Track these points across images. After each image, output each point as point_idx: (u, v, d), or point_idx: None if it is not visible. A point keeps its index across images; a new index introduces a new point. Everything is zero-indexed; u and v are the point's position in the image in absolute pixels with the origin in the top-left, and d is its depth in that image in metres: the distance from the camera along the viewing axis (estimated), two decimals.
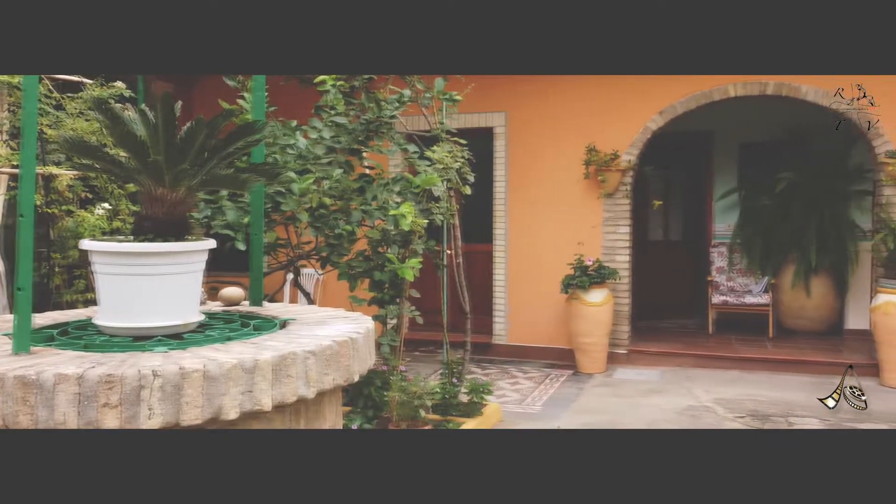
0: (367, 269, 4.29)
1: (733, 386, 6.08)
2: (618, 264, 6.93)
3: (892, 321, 5.97)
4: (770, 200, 7.84)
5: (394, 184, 4.31)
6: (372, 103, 4.44)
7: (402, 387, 4.18)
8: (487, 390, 4.91)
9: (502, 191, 7.42)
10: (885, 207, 6.35)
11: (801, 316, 7.78)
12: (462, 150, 4.82)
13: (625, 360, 6.96)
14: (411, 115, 5.50)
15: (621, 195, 7.00)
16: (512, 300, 7.39)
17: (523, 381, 6.37)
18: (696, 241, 8.96)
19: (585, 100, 7.11)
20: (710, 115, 7.62)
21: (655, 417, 5.19)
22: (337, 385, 1.98)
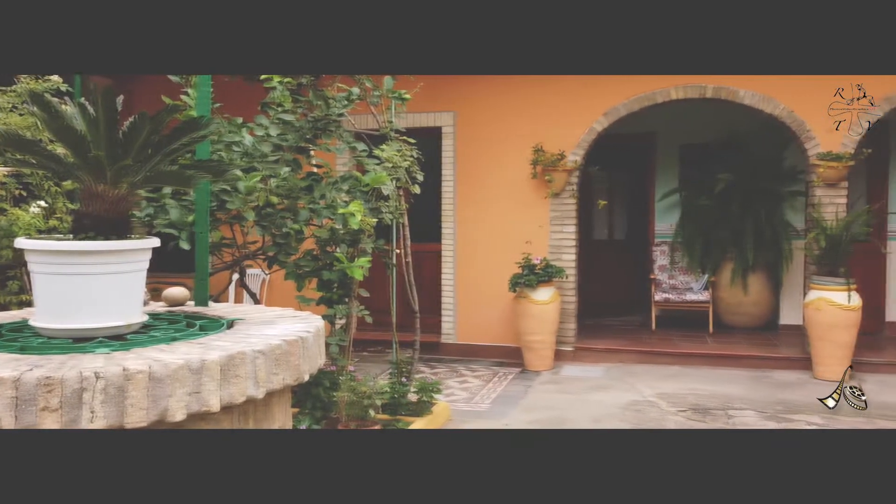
0: (315, 268, 4.24)
1: (675, 381, 6.24)
2: (564, 263, 7.04)
3: (824, 317, 6.22)
4: (709, 200, 8.08)
5: (342, 182, 4.28)
6: (320, 101, 4.40)
7: (351, 387, 4.16)
8: (436, 389, 4.92)
9: (451, 190, 7.44)
10: (816, 208, 6.62)
11: (739, 312, 8.05)
12: (411, 149, 4.82)
13: (571, 357, 7.08)
14: (360, 113, 5.47)
15: (568, 195, 7.11)
16: (460, 299, 7.43)
17: (472, 379, 6.41)
18: (639, 240, 9.17)
19: (533, 101, 7.20)
20: (653, 117, 7.82)
21: (601, 413, 5.29)
22: (287, 385, 1.96)
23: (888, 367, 6.54)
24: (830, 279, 6.26)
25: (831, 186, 6.61)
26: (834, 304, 6.16)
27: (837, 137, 6.59)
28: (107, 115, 1.84)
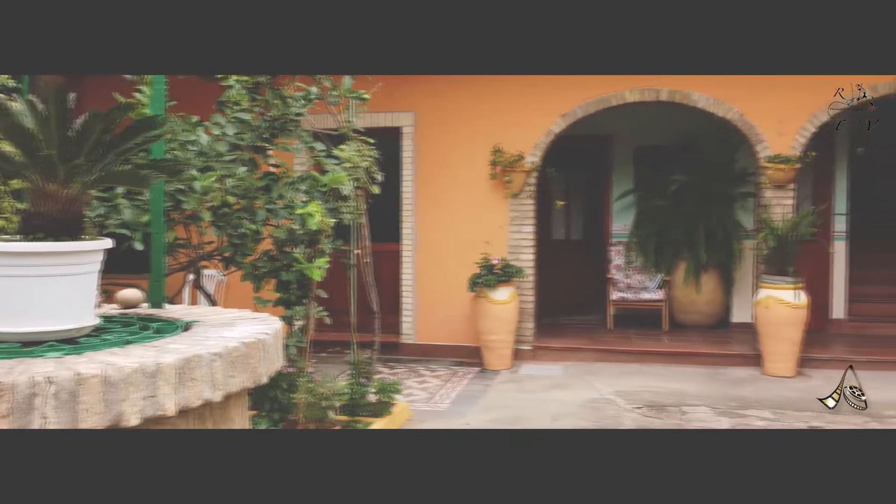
0: (272, 269, 4.20)
1: (632, 378, 6.36)
2: (523, 263, 7.10)
3: (773, 314, 6.41)
4: (663, 201, 8.25)
5: (300, 182, 4.25)
6: (277, 100, 4.36)
7: (309, 388, 4.13)
8: (396, 389, 4.92)
9: (410, 190, 7.44)
10: (766, 208, 6.82)
11: (692, 311, 8.23)
12: (370, 149, 4.80)
13: (530, 356, 7.14)
14: (318, 112, 5.42)
15: (526, 195, 7.17)
16: (420, 299, 7.43)
17: (431, 379, 6.42)
18: (596, 240, 9.30)
19: (492, 102, 7.24)
20: (609, 120, 7.94)
21: (559, 411, 5.35)
22: (245, 388, 1.94)
23: (834, 362, 6.75)
24: (779, 278, 6.45)
25: (780, 188, 6.81)
26: (782, 303, 6.35)
27: (786, 141, 6.80)
28: (58, 113, 1.79)
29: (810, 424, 5.00)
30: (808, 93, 6.73)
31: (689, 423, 5.05)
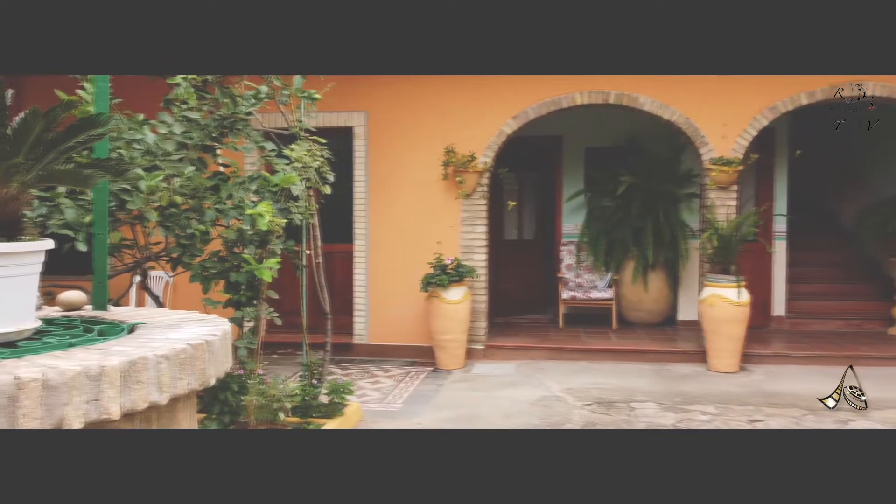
0: (222, 270, 4.15)
1: (581, 375, 6.47)
2: (476, 263, 7.16)
3: (717, 312, 6.60)
4: (613, 202, 8.41)
5: (250, 182, 4.20)
6: (226, 98, 4.30)
7: (259, 390, 4.09)
8: (348, 390, 4.90)
9: (363, 190, 7.42)
10: (710, 209, 7.02)
11: (640, 309, 8.41)
12: (322, 149, 4.78)
13: (482, 355, 7.20)
14: (269, 112, 5.37)
15: (478, 196, 7.23)
16: (373, 300, 7.42)
17: (384, 379, 6.42)
18: (547, 240, 9.43)
19: (444, 103, 7.28)
20: (560, 121, 8.06)
21: (511, 409, 5.41)
22: (192, 390, 1.92)
23: (775, 358, 7.01)
24: (723, 277, 6.64)
25: (723, 189, 7.02)
26: (726, 300, 6.55)
27: (728, 144, 7.01)
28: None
29: (752, 418, 5.16)
30: (750, 97, 6.96)
31: (636, 418, 5.17)
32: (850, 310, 8.47)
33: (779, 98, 6.93)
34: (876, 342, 7.50)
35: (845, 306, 8.52)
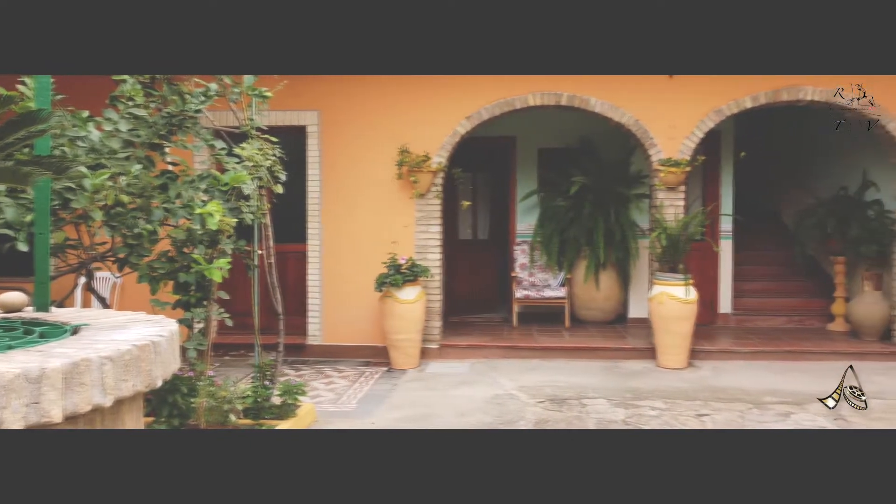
0: (170, 270, 4.07)
1: (534, 373, 6.54)
2: (430, 262, 7.17)
3: (665, 310, 6.75)
4: (565, 202, 8.53)
5: (200, 181, 4.14)
6: (175, 96, 4.23)
7: (210, 392, 4.03)
8: (301, 391, 4.87)
9: (316, 190, 7.37)
10: (659, 209, 7.18)
11: (592, 307, 8.54)
12: (274, 148, 4.73)
13: (437, 354, 7.22)
14: (219, 109, 5.29)
15: (433, 195, 7.25)
16: (326, 300, 7.37)
17: (338, 380, 6.38)
18: (501, 240, 9.51)
19: (399, 103, 7.28)
20: (514, 122, 8.15)
21: (465, 407, 5.45)
22: (138, 392, 1.89)
23: (721, 354, 7.21)
24: (671, 275, 6.80)
25: (671, 190, 7.19)
26: (674, 298, 6.70)
27: (676, 145, 7.18)
28: None
29: (699, 412, 5.30)
30: (697, 100, 7.15)
31: (587, 415, 5.26)
32: (793, 307, 8.76)
33: (724, 101, 7.13)
34: (816, 338, 7.77)
35: (788, 303, 8.81)
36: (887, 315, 7.54)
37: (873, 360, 7.07)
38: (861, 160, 8.32)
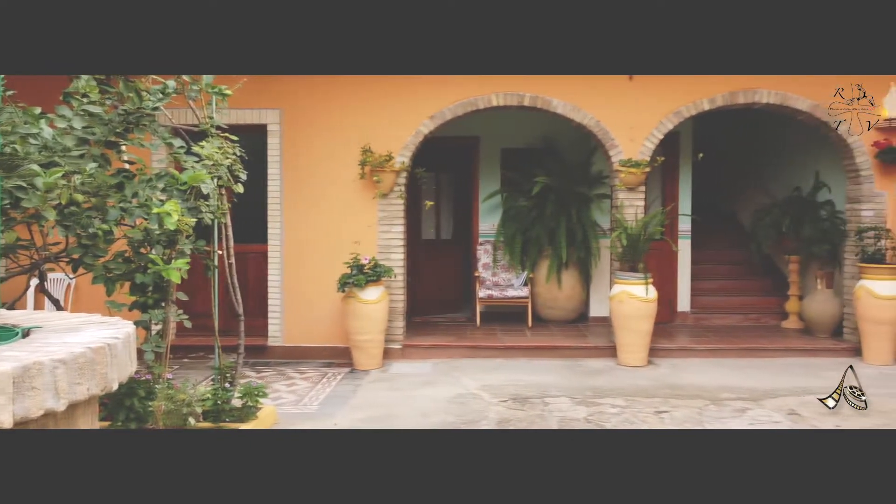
0: (127, 271, 3.99)
1: (497, 373, 6.57)
2: (393, 262, 7.16)
3: (626, 308, 6.85)
4: (528, 202, 8.59)
5: (157, 180, 4.06)
6: (131, 93, 4.13)
7: (168, 395, 3.96)
8: (262, 393, 4.81)
9: (277, 189, 7.29)
10: (619, 209, 7.28)
11: (554, 306, 8.62)
12: (234, 147, 4.66)
13: (400, 354, 7.21)
14: (178, 107, 5.19)
15: (396, 195, 7.23)
16: (288, 301, 7.30)
17: (300, 381, 6.33)
18: (465, 240, 9.54)
19: (362, 102, 7.24)
20: (477, 122, 8.18)
21: (428, 407, 5.44)
22: (93, 395, 1.85)
23: (680, 351, 7.34)
24: (631, 274, 6.90)
25: (632, 190, 7.29)
26: (634, 297, 6.80)
27: (636, 146, 7.29)
28: None
29: (658, 409, 5.39)
30: (656, 102, 7.27)
31: (550, 413, 5.30)
32: (749, 305, 8.97)
33: (682, 104, 7.26)
34: (771, 335, 7.97)
35: (744, 302, 9.02)
36: (838, 313, 7.77)
37: (825, 356, 7.28)
38: (814, 162, 8.56)
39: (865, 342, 7.08)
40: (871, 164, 7.25)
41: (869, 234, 7.17)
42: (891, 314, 6.90)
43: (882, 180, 7.27)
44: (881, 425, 4.92)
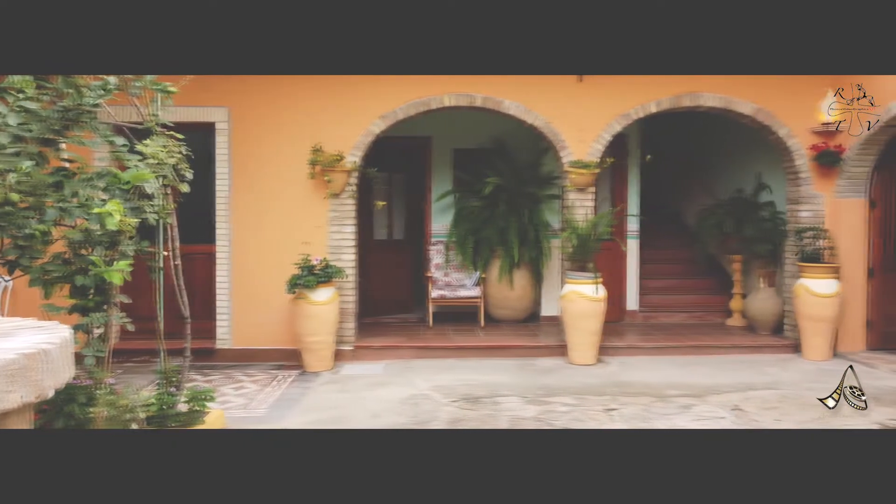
0: (66, 273, 3.84)
1: (449, 373, 6.58)
2: (344, 263, 7.10)
3: (576, 307, 6.94)
4: (479, 202, 8.64)
5: (98, 179, 3.92)
6: (70, 88, 3.99)
7: (109, 401, 3.83)
8: (209, 397, 4.69)
9: (225, 189, 7.15)
10: (569, 209, 7.37)
11: (506, 306, 8.68)
12: (179, 145, 4.55)
13: (351, 356, 7.15)
14: (120, 104, 5.04)
15: (347, 195, 7.17)
16: (236, 302, 7.17)
17: (249, 384, 6.22)
18: (417, 240, 9.53)
19: (312, 101, 7.16)
20: (429, 122, 8.18)
21: (379, 409, 5.42)
22: (26, 403, 1.78)
23: (628, 349, 7.47)
24: (581, 274, 6.99)
25: (581, 191, 7.39)
26: (584, 296, 6.90)
27: (586, 148, 7.39)
28: None
29: (607, 407, 5.47)
30: (605, 105, 7.38)
31: (500, 413, 5.33)
32: (695, 303, 9.19)
33: (630, 106, 7.39)
34: (716, 333, 8.18)
35: (690, 300, 9.24)
36: (779, 310, 8.03)
37: (767, 352, 7.52)
38: (756, 164, 8.82)
39: (804, 339, 7.33)
40: (809, 167, 7.51)
41: (807, 234, 7.43)
42: (828, 311, 7.16)
43: (819, 182, 7.53)
44: (817, 418, 5.10)
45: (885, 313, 7.53)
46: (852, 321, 7.48)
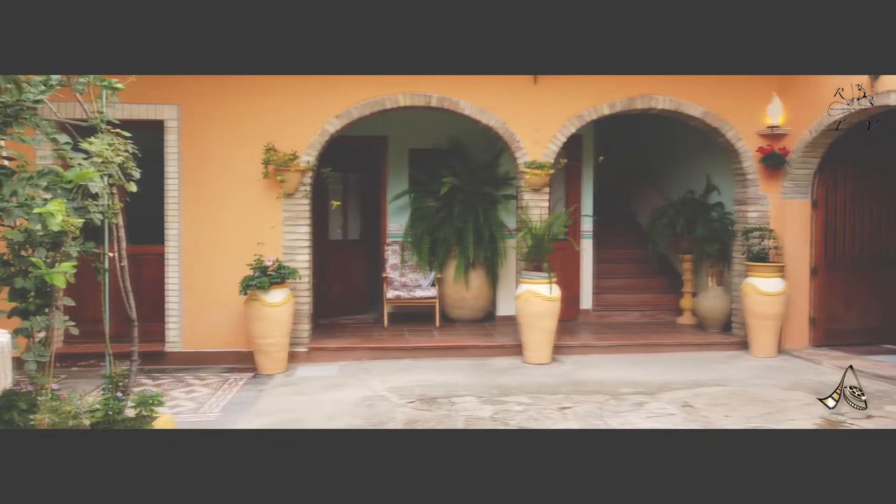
0: (6, 275, 3.70)
1: (405, 374, 6.56)
2: (298, 264, 7.01)
3: (531, 307, 6.99)
4: (436, 202, 8.64)
5: (39, 178, 3.79)
6: (10, 84, 3.84)
7: (52, 407, 3.70)
8: (158, 402, 4.57)
9: (175, 189, 6.99)
10: (525, 210, 7.42)
11: (462, 306, 8.70)
12: (126, 143, 4.42)
13: (305, 358, 7.07)
14: (64, 101, 4.89)
15: (301, 195, 7.09)
16: (187, 304, 7.02)
17: (200, 388, 6.09)
18: (372, 240, 9.47)
19: (265, 99, 7.05)
20: (385, 122, 8.14)
21: (334, 411, 5.36)
22: None
23: (582, 348, 7.56)
24: (536, 274, 7.05)
25: (536, 191, 7.45)
26: (539, 296, 6.95)
27: (541, 148, 7.45)
28: None
29: (561, 405, 5.52)
30: (560, 106, 7.46)
31: (457, 413, 5.34)
32: (647, 302, 9.36)
33: (584, 108, 7.48)
34: (667, 331, 8.34)
35: (643, 299, 9.40)
36: (728, 308, 8.23)
37: (716, 349, 7.69)
38: (706, 166, 9.02)
39: (752, 336, 7.52)
40: (756, 169, 7.71)
41: (755, 234, 7.63)
42: (774, 309, 7.36)
43: (766, 184, 7.74)
44: (764, 414, 5.24)
45: (828, 311, 7.78)
46: (797, 319, 7.71)
